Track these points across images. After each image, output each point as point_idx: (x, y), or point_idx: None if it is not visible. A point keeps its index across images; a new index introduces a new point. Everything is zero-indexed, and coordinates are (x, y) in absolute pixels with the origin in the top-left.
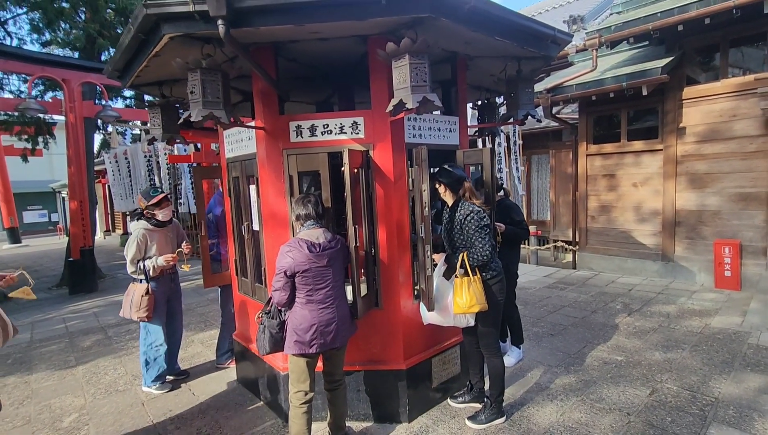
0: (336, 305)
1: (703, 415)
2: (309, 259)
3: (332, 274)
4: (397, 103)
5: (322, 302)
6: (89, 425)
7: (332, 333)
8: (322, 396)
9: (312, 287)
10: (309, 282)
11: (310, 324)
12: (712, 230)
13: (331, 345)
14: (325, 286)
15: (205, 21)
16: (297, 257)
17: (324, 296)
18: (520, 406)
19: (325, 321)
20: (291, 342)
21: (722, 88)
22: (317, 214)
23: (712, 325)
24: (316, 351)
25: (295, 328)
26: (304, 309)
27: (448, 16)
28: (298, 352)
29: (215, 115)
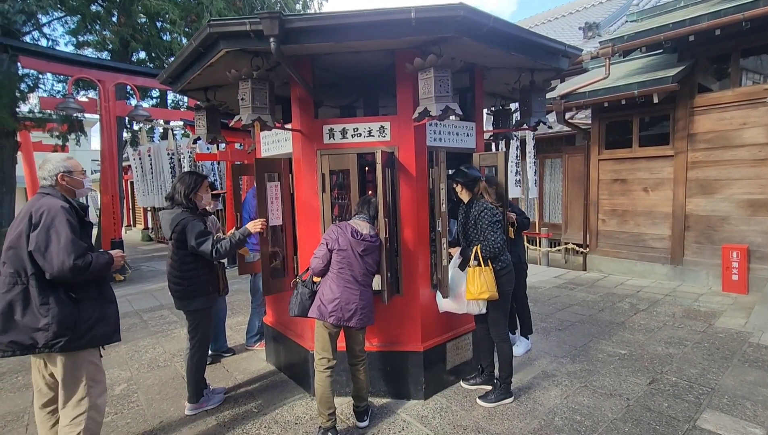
0: (360, 290)
1: (698, 402)
2: (349, 242)
3: (363, 262)
4: (422, 111)
5: (348, 282)
6: (138, 393)
7: (351, 312)
8: (347, 373)
9: (344, 266)
10: (343, 261)
11: (334, 296)
12: (721, 235)
13: (347, 322)
14: (355, 269)
15: (258, 39)
16: (340, 236)
17: (352, 277)
18: (527, 390)
19: (347, 299)
20: (315, 307)
21: (733, 96)
22: (368, 213)
23: (715, 325)
24: (333, 322)
25: (321, 296)
26: (333, 282)
27: (469, 35)
28: (317, 316)
29: (262, 119)
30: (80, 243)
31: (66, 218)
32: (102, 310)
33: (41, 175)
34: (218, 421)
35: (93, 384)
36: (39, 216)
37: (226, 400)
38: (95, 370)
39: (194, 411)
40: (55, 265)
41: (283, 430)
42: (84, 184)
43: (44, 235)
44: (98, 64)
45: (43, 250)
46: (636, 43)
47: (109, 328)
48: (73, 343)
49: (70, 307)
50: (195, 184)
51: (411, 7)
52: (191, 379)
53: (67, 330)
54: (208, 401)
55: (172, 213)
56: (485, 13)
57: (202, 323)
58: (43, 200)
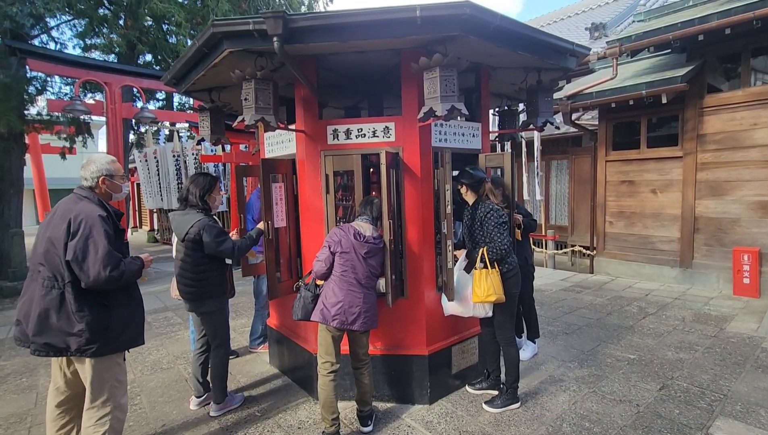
0: (364, 293)
1: (711, 409)
2: (352, 244)
3: (367, 265)
4: (427, 111)
5: (352, 285)
6: (141, 396)
7: (354, 315)
8: (351, 377)
9: (347, 269)
10: (346, 264)
11: (337, 300)
12: (732, 237)
13: (350, 325)
14: (358, 271)
15: (262, 38)
16: (343, 238)
17: (355, 280)
18: (534, 395)
19: (350, 302)
20: (318, 311)
21: (743, 96)
22: (371, 215)
23: (727, 330)
24: (336, 326)
25: (324, 300)
26: (336, 286)
27: (476, 34)
28: (320, 320)
29: (266, 120)
30: (116, 254)
31: (104, 229)
32: (131, 315)
33: (83, 175)
34: (221, 425)
35: (117, 385)
36: (78, 224)
37: None
38: (120, 371)
39: (220, 411)
40: (91, 276)
41: (285, 434)
42: (123, 188)
43: (82, 246)
44: (105, 66)
45: (81, 261)
46: (644, 42)
47: (137, 332)
48: (104, 348)
49: (104, 314)
50: (210, 185)
51: (416, 5)
52: (217, 380)
53: (100, 336)
54: (232, 401)
55: (186, 214)
56: (492, 11)
57: (220, 324)
58: (81, 206)
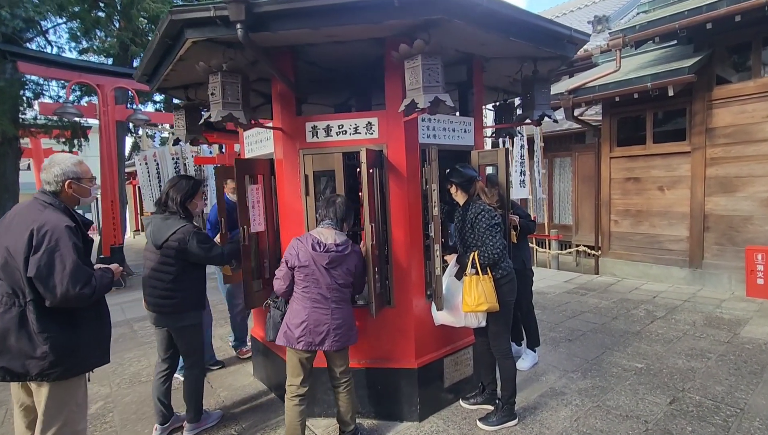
0: (331, 308)
1: (727, 425)
2: (310, 256)
3: (331, 276)
4: (409, 104)
5: (316, 301)
6: (113, 413)
7: (323, 334)
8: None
9: (309, 284)
10: (306, 278)
11: (300, 320)
12: (744, 236)
13: (319, 346)
14: (321, 285)
15: (225, 26)
16: (300, 250)
17: (319, 296)
18: (533, 410)
19: (315, 320)
20: (281, 333)
21: (755, 87)
22: (336, 217)
23: (741, 335)
24: (303, 348)
25: (288, 320)
26: (298, 304)
27: (461, 18)
28: (285, 344)
29: (234, 116)
30: (86, 269)
31: (72, 241)
32: (100, 332)
33: (46, 179)
34: None
35: (76, 409)
36: (42, 236)
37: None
38: (81, 393)
39: (195, 431)
40: (58, 294)
41: None
42: (91, 192)
43: (47, 260)
44: (97, 68)
45: (45, 277)
46: (649, 32)
47: (103, 351)
48: (69, 371)
49: (71, 334)
50: (192, 190)
51: None
52: (192, 398)
53: (66, 359)
54: (208, 419)
55: (167, 218)
56: None
57: (197, 339)
58: (45, 215)
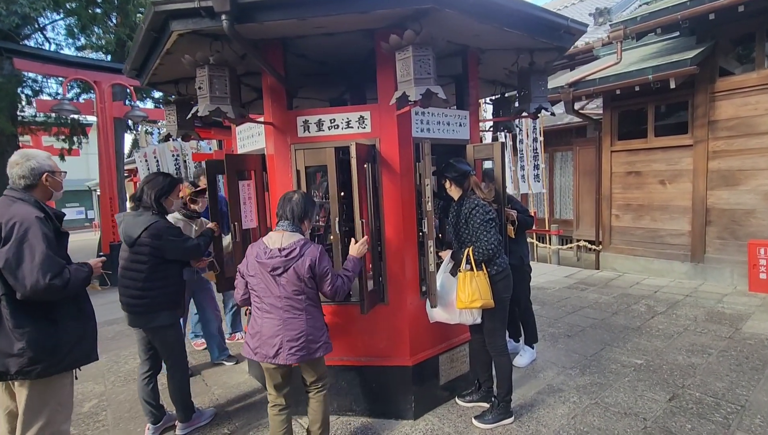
0: (283, 319)
1: (727, 423)
2: (257, 263)
3: (279, 284)
4: (400, 96)
5: (267, 312)
6: (107, 411)
7: (276, 347)
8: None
9: (259, 294)
10: (256, 287)
11: (255, 331)
12: (746, 230)
13: (274, 360)
14: (270, 295)
15: (210, 17)
16: (250, 260)
17: (269, 306)
18: (530, 408)
19: (268, 332)
20: (244, 345)
21: (758, 79)
22: (292, 216)
23: (743, 330)
24: (260, 360)
25: (247, 330)
26: (254, 314)
27: (452, 7)
28: (246, 355)
29: (222, 110)
30: (57, 260)
31: (41, 231)
32: (82, 329)
33: (20, 174)
34: None
35: (60, 409)
36: (10, 228)
37: None
38: (65, 393)
39: (186, 430)
40: (28, 285)
41: None
42: (62, 185)
43: (15, 251)
44: (94, 65)
45: (14, 268)
46: (650, 24)
47: (88, 348)
48: (51, 368)
49: (50, 329)
50: (169, 187)
51: None
52: (179, 399)
53: (46, 355)
54: (200, 417)
55: (139, 215)
56: None
57: (175, 340)
58: (14, 208)
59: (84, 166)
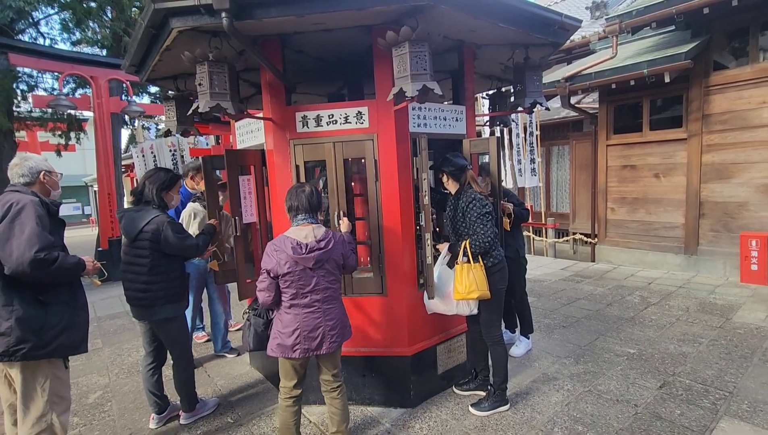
0: (323, 310)
1: (715, 408)
2: (293, 261)
3: (319, 277)
4: (397, 92)
5: (307, 306)
6: (112, 402)
7: (318, 339)
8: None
9: (296, 291)
10: (293, 286)
11: (293, 329)
12: (739, 222)
13: (316, 351)
14: (311, 289)
15: (210, 14)
16: (281, 258)
17: (309, 300)
18: (525, 395)
19: (309, 326)
20: (274, 344)
21: (752, 73)
22: (310, 207)
23: (733, 320)
24: (300, 356)
25: (279, 330)
26: (288, 313)
27: (447, 3)
28: (280, 355)
29: (222, 106)
30: (46, 236)
31: (35, 211)
32: (72, 317)
33: (19, 172)
34: (190, 434)
35: (57, 400)
36: (6, 208)
37: None
38: (59, 384)
39: (191, 419)
40: (14, 257)
41: None
42: (59, 185)
43: (7, 226)
44: (90, 60)
45: (4, 242)
46: (645, 18)
47: (77, 338)
48: (37, 350)
49: (37, 309)
50: (170, 182)
51: None
52: (184, 390)
53: (32, 335)
54: (204, 407)
55: (141, 210)
56: None
57: (181, 332)
58: (10, 195)
59: (80, 161)
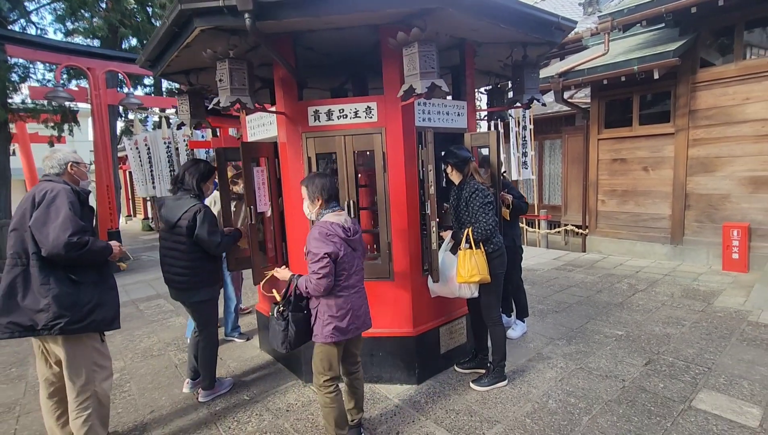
0: (362, 289)
1: (695, 382)
2: (346, 244)
3: (358, 259)
4: (407, 89)
5: (353, 287)
6: (131, 383)
7: (362, 316)
8: None
9: (347, 273)
10: (345, 268)
11: (346, 310)
12: (722, 213)
13: (363, 327)
14: (355, 270)
15: (233, 15)
16: (337, 241)
17: (355, 281)
18: (521, 373)
19: (357, 305)
20: (328, 331)
21: (736, 70)
22: (337, 195)
23: (714, 304)
24: (352, 336)
25: (332, 315)
26: (340, 296)
27: (455, 6)
28: (337, 339)
29: (242, 101)
30: (78, 221)
31: (68, 198)
32: (102, 295)
33: (49, 164)
34: (210, 411)
35: (97, 369)
36: (42, 195)
37: None
38: (98, 355)
39: (209, 397)
40: (50, 240)
41: (274, 417)
42: (87, 175)
43: (43, 212)
44: (87, 51)
45: (40, 226)
46: (636, 16)
47: (109, 314)
48: (73, 325)
49: (70, 287)
50: (208, 172)
51: None
52: (206, 368)
53: (66, 311)
54: (221, 386)
55: (179, 199)
56: None
57: (212, 312)
58: (45, 184)
59: None
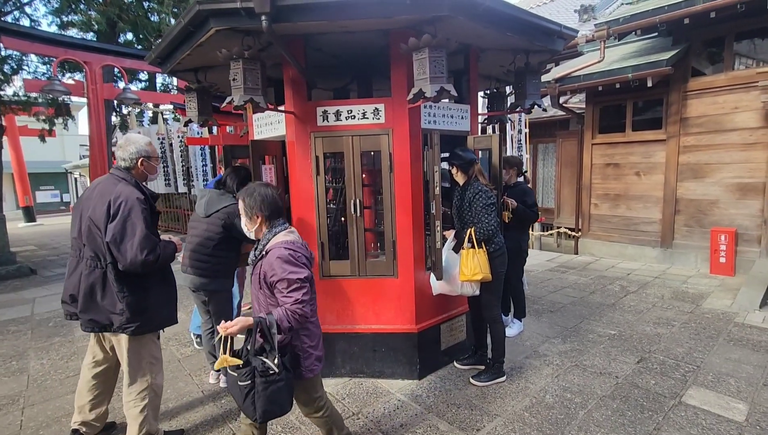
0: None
1: (684, 379)
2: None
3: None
4: (417, 92)
5: (315, 312)
6: None
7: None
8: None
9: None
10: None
11: (318, 337)
12: (710, 219)
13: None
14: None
15: (249, 16)
16: (307, 264)
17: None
18: (519, 369)
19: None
20: (311, 362)
21: (726, 80)
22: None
23: (703, 306)
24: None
25: (310, 346)
26: (312, 321)
27: (464, 15)
28: (319, 370)
29: (255, 101)
30: (153, 238)
31: (142, 212)
32: (167, 296)
33: (121, 156)
34: (215, 403)
35: (154, 361)
36: (117, 206)
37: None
38: (155, 348)
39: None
40: (128, 259)
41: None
42: (156, 169)
43: (120, 228)
44: (84, 45)
45: (118, 243)
46: (631, 25)
47: (171, 312)
48: (142, 327)
49: (142, 295)
50: (247, 178)
51: None
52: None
53: (139, 316)
54: None
55: (223, 194)
56: None
57: (226, 307)
58: (120, 187)
59: (59, 148)
